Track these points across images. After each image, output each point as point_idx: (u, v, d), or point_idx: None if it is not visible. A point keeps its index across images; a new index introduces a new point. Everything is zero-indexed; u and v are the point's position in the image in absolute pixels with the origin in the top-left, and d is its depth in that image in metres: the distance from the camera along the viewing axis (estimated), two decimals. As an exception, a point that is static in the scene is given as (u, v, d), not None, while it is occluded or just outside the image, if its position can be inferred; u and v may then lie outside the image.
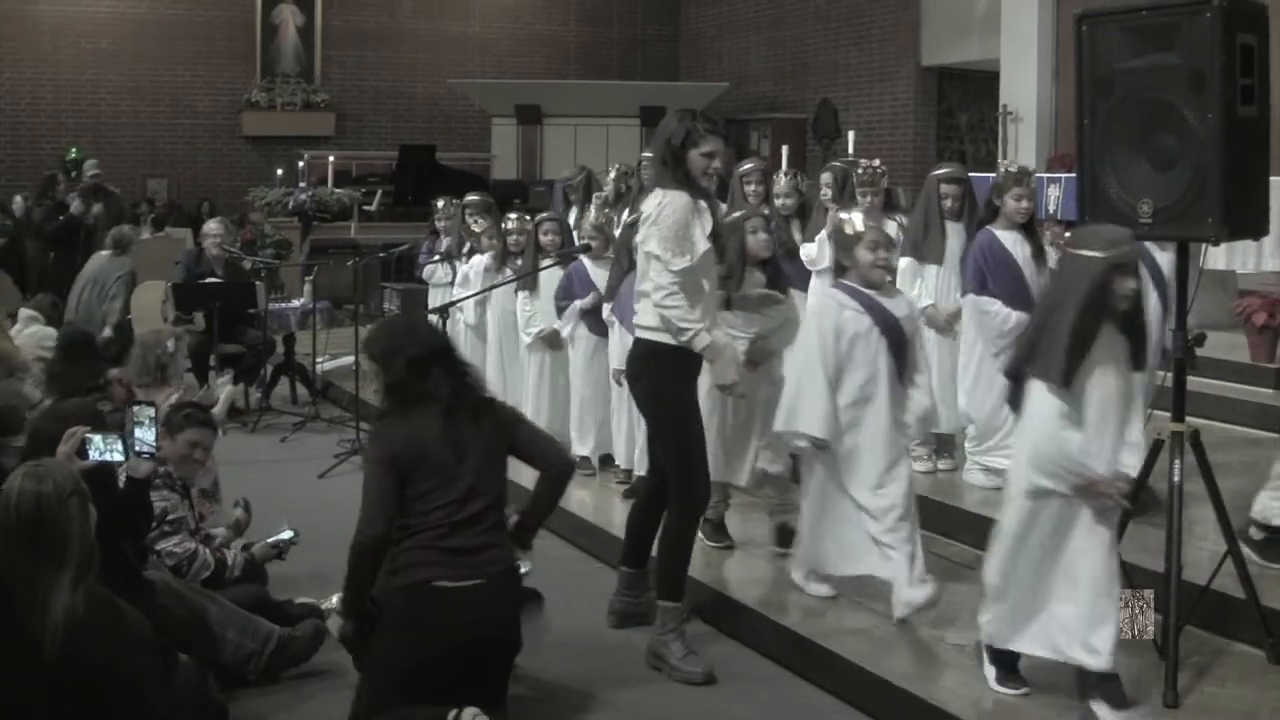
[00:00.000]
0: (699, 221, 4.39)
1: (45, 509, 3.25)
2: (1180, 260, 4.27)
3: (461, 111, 17.86)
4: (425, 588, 3.89)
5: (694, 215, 4.38)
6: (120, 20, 16.99)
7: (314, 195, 13.47)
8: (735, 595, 5.08)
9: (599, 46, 19.10)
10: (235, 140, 17.59)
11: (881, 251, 4.67)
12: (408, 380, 4.02)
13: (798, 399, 4.73)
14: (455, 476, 3.94)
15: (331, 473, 7.45)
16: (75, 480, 3.36)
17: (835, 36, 16.09)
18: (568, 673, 4.53)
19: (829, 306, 4.75)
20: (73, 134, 16.58)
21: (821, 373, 4.64)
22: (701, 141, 4.40)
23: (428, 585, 3.89)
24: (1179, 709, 3.89)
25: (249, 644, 4.36)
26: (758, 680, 4.58)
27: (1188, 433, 4.10)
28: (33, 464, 3.41)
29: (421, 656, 3.86)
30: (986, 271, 5.73)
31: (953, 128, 15.41)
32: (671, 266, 4.32)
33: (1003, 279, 5.70)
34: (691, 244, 4.34)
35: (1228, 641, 4.36)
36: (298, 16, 17.66)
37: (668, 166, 4.45)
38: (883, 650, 4.46)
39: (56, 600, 3.21)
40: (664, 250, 4.33)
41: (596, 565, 5.86)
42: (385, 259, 9.66)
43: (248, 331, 9.06)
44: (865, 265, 4.67)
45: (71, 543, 3.26)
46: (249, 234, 11.19)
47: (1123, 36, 4.05)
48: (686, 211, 4.35)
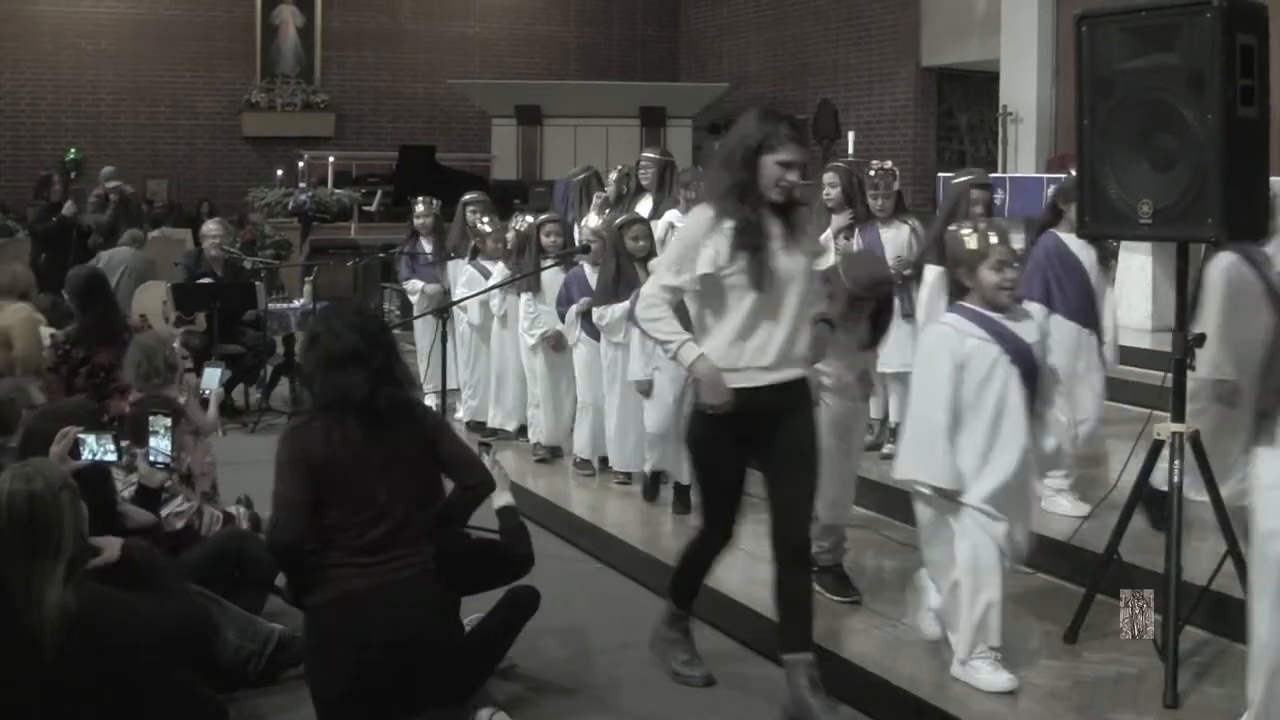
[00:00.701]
0: (714, 242, 3.97)
1: (38, 507, 3.26)
2: (1180, 261, 4.27)
3: (461, 112, 17.86)
4: (337, 600, 3.75)
5: (709, 235, 3.98)
6: (120, 21, 16.99)
7: (314, 196, 13.47)
8: (735, 595, 5.07)
9: (599, 47, 19.10)
10: (235, 141, 17.59)
11: (1009, 271, 4.07)
12: (325, 376, 3.84)
13: (918, 444, 4.09)
14: (367, 487, 3.78)
15: (331, 473, 7.44)
16: (64, 477, 3.38)
17: (835, 37, 16.09)
18: (566, 673, 4.53)
19: (947, 336, 4.08)
20: (73, 135, 16.57)
21: (944, 412, 4.00)
22: (780, 148, 3.94)
23: (339, 596, 3.75)
24: (1179, 709, 3.89)
25: (249, 645, 4.36)
26: (758, 680, 4.58)
27: (1188, 433, 4.10)
28: (19, 465, 3.42)
29: (346, 674, 3.75)
30: (1052, 280, 5.40)
31: (953, 128, 15.41)
32: (660, 280, 4.07)
33: (1070, 288, 5.41)
34: (690, 264, 3.98)
35: (1228, 642, 4.36)
36: (298, 17, 17.66)
37: (730, 169, 4.00)
38: (883, 651, 4.46)
39: (50, 595, 3.22)
40: (662, 260, 4.17)
41: (596, 565, 5.86)
42: (385, 259, 9.66)
43: (247, 332, 9.05)
44: (990, 287, 4.05)
45: (65, 537, 3.27)
46: (249, 234, 11.21)
47: (1123, 37, 4.05)
48: (700, 230, 4.00)
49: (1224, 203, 3.84)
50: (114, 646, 3.34)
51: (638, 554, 5.73)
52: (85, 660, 3.25)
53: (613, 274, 6.35)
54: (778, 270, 3.97)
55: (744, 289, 3.96)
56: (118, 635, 3.36)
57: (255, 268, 9.85)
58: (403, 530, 3.82)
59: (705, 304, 4.06)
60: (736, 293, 3.98)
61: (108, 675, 3.33)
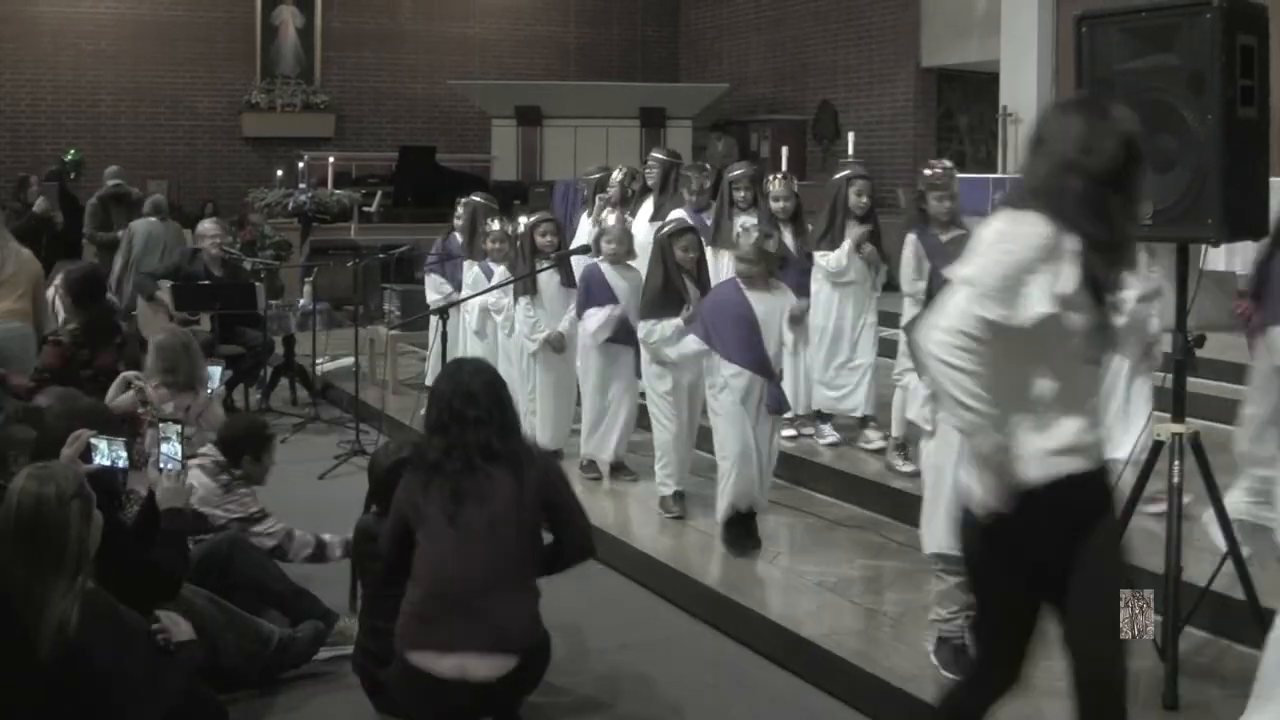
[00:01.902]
0: (1056, 269, 2.77)
1: (44, 512, 3.25)
2: (1180, 262, 4.27)
3: (461, 113, 17.85)
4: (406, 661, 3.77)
5: (1047, 255, 2.77)
6: (120, 22, 16.99)
7: (314, 196, 13.46)
8: (735, 595, 5.08)
9: (599, 48, 19.10)
10: (235, 141, 17.59)
11: None
12: (427, 438, 3.88)
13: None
14: (449, 543, 3.72)
15: (331, 474, 7.45)
16: (79, 484, 3.36)
17: (835, 38, 16.09)
18: (567, 673, 4.53)
19: None
20: (73, 135, 16.57)
21: None
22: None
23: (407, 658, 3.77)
24: (1179, 710, 3.89)
25: (249, 646, 4.36)
26: (758, 680, 4.58)
27: (1187, 434, 4.10)
28: (39, 465, 3.42)
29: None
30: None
31: (952, 129, 15.42)
32: (978, 308, 2.75)
33: None
34: (1022, 299, 2.76)
35: (1228, 642, 4.36)
36: (298, 18, 17.66)
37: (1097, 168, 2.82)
38: (883, 650, 4.47)
39: (53, 603, 3.22)
40: (970, 286, 2.78)
41: (598, 568, 5.86)
42: (385, 260, 9.65)
43: (247, 332, 9.06)
44: None
45: (69, 546, 3.26)
46: (249, 235, 11.18)
47: (1122, 37, 4.05)
48: (1034, 250, 2.77)
49: (1224, 203, 3.85)
50: (111, 651, 3.34)
51: (638, 554, 5.73)
52: (80, 668, 3.25)
53: (660, 286, 6.03)
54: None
55: (1071, 341, 2.84)
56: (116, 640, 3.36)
57: (255, 268, 9.85)
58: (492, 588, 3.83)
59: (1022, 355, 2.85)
60: (1047, 340, 2.82)
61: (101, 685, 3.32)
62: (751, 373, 5.50)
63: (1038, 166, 2.88)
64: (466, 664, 3.66)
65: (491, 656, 3.67)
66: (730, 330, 5.52)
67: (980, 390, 2.75)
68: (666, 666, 4.70)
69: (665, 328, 5.99)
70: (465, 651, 3.65)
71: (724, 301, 5.63)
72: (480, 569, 3.69)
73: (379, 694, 4.15)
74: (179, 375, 5.66)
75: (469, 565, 3.69)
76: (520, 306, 7.00)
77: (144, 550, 3.89)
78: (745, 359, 5.50)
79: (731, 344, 5.52)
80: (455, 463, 3.75)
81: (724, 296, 5.68)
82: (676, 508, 6.15)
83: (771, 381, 5.57)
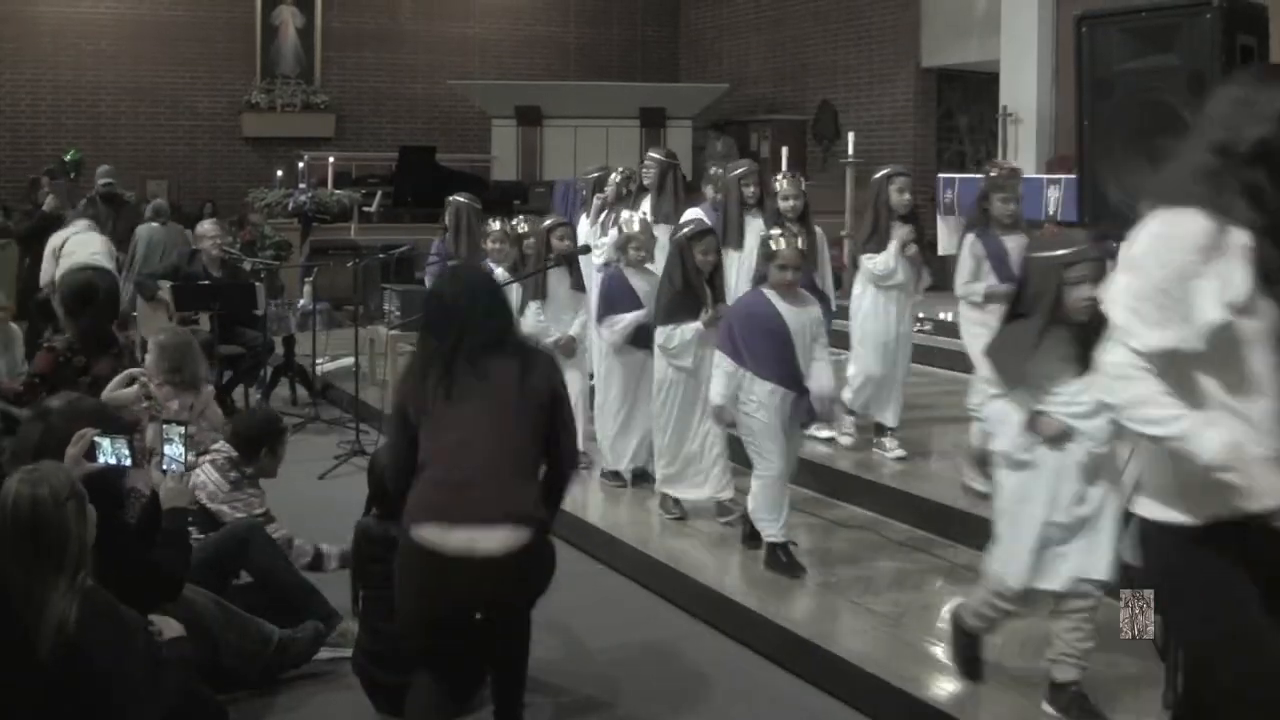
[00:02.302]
0: (1224, 264, 2.48)
1: (41, 513, 3.26)
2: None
3: (461, 113, 17.85)
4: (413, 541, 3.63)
5: (1212, 256, 2.48)
6: (120, 22, 16.99)
7: (314, 196, 13.47)
8: (735, 596, 5.08)
9: (599, 48, 19.10)
10: (235, 141, 17.58)
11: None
12: (422, 337, 3.91)
13: None
14: (451, 422, 3.64)
15: (332, 474, 7.45)
16: (72, 483, 3.36)
17: (835, 38, 16.09)
18: (567, 673, 4.53)
19: None
20: (73, 135, 16.56)
21: None
22: None
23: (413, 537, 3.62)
24: (1179, 710, 3.89)
25: (249, 645, 4.36)
26: (758, 680, 4.58)
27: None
28: (29, 468, 3.41)
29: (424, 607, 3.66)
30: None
31: (952, 129, 15.41)
32: (1136, 341, 2.51)
33: None
34: (1187, 307, 2.48)
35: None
36: (298, 18, 17.65)
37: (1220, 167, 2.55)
38: (883, 651, 4.46)
39: (53, 603, 3.22)
40: (1131, 313, 2.53)
41: (598, 567, 5.87)
42: (385, 260, 9.66)
43: (247, 333, 9.06)
44: None
45: (68, 546, 3.27)
46: (249, 235, 11.18)
47: (1122, 37, 4.06)
48: (1196, 251, 2.48)
49: (1224, 203, 3.84)
50: (111, 651, 3.34)
51: (638, 555, 5.73)
52: (80, 668, 3.25)
53: (678, 290, 5.87)
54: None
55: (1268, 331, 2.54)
56: (115, 639, 3.36)
57: (255, 268, 9.85)
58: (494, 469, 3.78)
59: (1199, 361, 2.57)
60: (1232, 345, 2.53)
61: (101, 684, 3.32)
62: (785, 389, 5.29)
63: (1191, 155, 2.60)
64: (475, 536, 3.52)
65: (500, 528, 3.54)
66: (762, 344, 5.27)
67: (1171, 400, 2.49)
68: (666, 666, 4.70)
69: (685, 332, 5.87)
70: (473, 524, 3.54)
71: (755, 314, 5.35)
72: (484, 445, 3.61)
73: (379, 694, 4.15)
74: (184, 374, 5.67)
75: (473, 442, 3.62)
76: (530, 310, 6.73)
77: (145, 550, 3.90)
78: (778, 374, 5.27)
79: (763, 359, 5.27)
80: (452, 351, 3.70)
81: (754, 309, 5.37)
82: (676, 508, 6.14)
83: (802, 395, 5.34)
